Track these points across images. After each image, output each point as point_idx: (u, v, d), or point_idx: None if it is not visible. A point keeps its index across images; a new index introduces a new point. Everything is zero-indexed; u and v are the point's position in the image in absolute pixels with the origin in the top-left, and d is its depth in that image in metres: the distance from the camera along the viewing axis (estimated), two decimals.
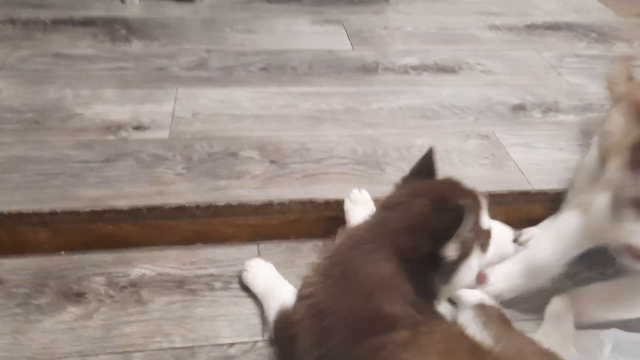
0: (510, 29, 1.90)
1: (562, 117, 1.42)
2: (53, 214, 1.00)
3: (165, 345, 0.87)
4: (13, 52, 1.50)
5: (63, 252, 1.02)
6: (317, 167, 1.16)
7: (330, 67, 1.57)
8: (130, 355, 0.85)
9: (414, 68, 1.60)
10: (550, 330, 0.89)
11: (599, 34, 1.90)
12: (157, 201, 1.03)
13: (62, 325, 0.89)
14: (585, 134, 1.34)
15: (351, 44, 1.71)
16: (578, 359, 0.86)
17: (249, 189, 1.08)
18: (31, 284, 0.96)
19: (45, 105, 1.30)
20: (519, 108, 1.44)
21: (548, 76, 1.61)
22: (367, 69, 1.57)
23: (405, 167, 0.92)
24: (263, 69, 1.53)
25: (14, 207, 1.01)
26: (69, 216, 1.00)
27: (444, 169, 0.90)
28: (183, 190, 1.07)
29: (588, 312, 0.91)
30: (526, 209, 1.14)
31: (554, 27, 1.94)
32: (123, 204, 1.02)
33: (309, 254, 1.05)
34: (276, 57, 1.59)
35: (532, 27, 1.92)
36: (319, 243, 1.07)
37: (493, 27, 1.90)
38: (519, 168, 1.21)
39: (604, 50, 1.80)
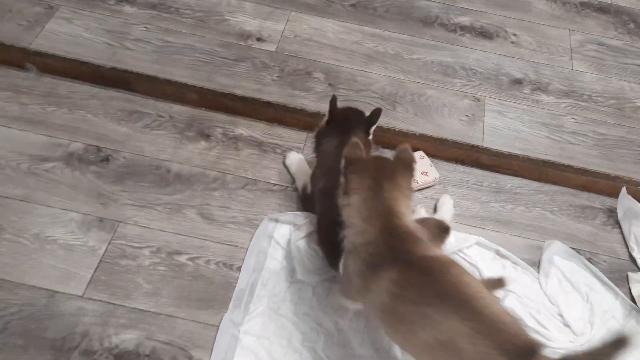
0: (565, 3, 2.27)
1: (543, 96, 1.92)
2: (202, 88, 1.75)
3: (243, 174, 1.64)
4: None
5: (203, 109, 1.78)
6: (355, 95, 1.81)
7: (401, 13, 2.10)
8: (225, 175, 1.63)
9: (462, 28, 2.09)
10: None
11: (636, 25, 2.23)
12: (257, 95, 1.75)
13: (196, 150, 1.68)
14: (552, 116, 1.86)
15: None
16: None
17: (309, 100, 1.77)
18: (184, 123, 1.73)
19: (209, 7, 1.99)
20: (517, 82, 1.95)
21: (560, 59, 2.05)
22: (426, 22, 2.09)
23: (410, 109, 1.57)
24: (353, 5, 2.10)
25: (181, 79, 1.76)
26: (207, 91, 1.75)
27: (432, 116, 1.56)
28: (273, 92, 1.78)
29: None
30: (475, 156, 1.75)
31: (603, 10, 2.27)
32: (239, 92, 1.75)
33: None
34: None
35: (584, 6, 2.28)
36: None
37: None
38: (483, 129, 1.79)
39: (628, 43, 2.16)
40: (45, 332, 1.29)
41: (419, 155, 1.65)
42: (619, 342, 0.94)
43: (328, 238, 1.33)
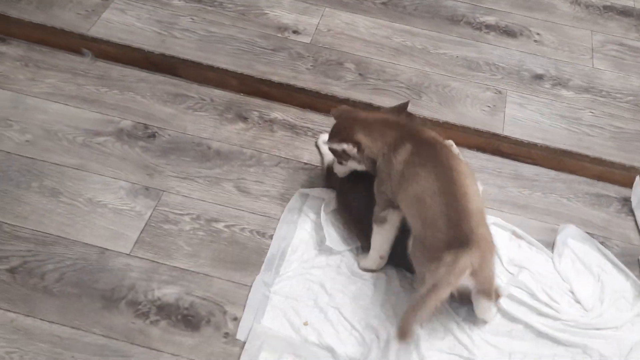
0: (588, 6, 2.34)
1: (563, 91, 1.99)
2: (241, 74, 1.87)
3: (277, 153, 1.75)
4: None
5: (242, 94, 1.89)
6: (383, 84, 1.91)
7: (429, 12, 2.20)
8: (260, 154, 1.74)
9: (487, 27, 2.18)
10: None
11: None
12: (292, 82, 1.87)
13: (234, 130, 1.79)
14: (571, 110, 1.93)
15: None
16: None
17: (340, 88, 1.88)
18: (224, 106, 1.85)
19: (250, 2, 2.12)
20: (539, 77, 2.03)
21: (581, 57, 2.12)
22: (453, 20, 2.19)
23: (434, 99, 1.67)
24: (384, 3, 2.20)
25: (223, 65, 1.89)
26: (247, 77, 1.87)
27: (455, 106, 1.70)
28: (307, 79, 1.89)
29: None
30: (496, 144, 1.82)
31: (626, 13, 2.33)
32: (276, 79, 1.87)
33: None
34: None
35: (607, 9, 2.34)
36: None
37: (574, 2, 2.34)
38: (503, 119, 1.87)
39: None
40: (96, 284, 1.41)
41: (448, 143, 1.72)
42: None
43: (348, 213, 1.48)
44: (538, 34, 2.18)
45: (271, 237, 1.54)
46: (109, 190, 1.59)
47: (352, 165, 1.47)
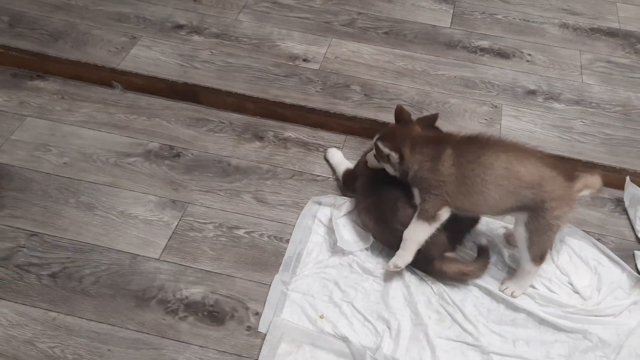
0: (576, 29, 2.47)
1: (555, 104, 2.11)
2: (257, 98, 2.02)
3: (291, 167, 1.87)
4: None
5: (258, 117, 2.03)
6: (387, 103, 2.04)
7: (428, 39, 2.35)
8: (275, 168, 1.86)
9: (482, 50, 2.32)
10: None
11: None
12: (303, 103, 2.00)
13: (252, 148, 1.92)
14: (563, 120, 2.04)
15: (451, 23, 2.45)
16: None
17: (348, 107, 2.01)
18: (242, 127, 1.99)
19: (264, 36, 2.29)
20: (532, 92, 2.15)
21: (571, 74, 2.24)
22: (450, 45, 2.33)
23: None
24: (386, 33, 2.36)
25: (240, 91, 2.04)
26: (262, 101, 2.01)
27: (455, 119, 1.80)
28: (316, 101, 2.03)
29: None
30: None
31: (612, 34, 2.46)
32: (288, 101, 2.01)
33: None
34: (397, 25, 2.40)
35: (594, 31, 2.47)
36: None
37: (563, 25, 2.49)
38: (500, 130, 1.98)
39: (635, 60, 2.33)
40: (129, 285, 1.52)
41: None
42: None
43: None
44: (530, 54, 2.31)
45: (288, 241, 1.64)
46: (139, 203, 1.71)
47: (385, 166, 1.56)
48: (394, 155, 1.49)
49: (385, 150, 1.50)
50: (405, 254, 1.50)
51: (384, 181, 1.57)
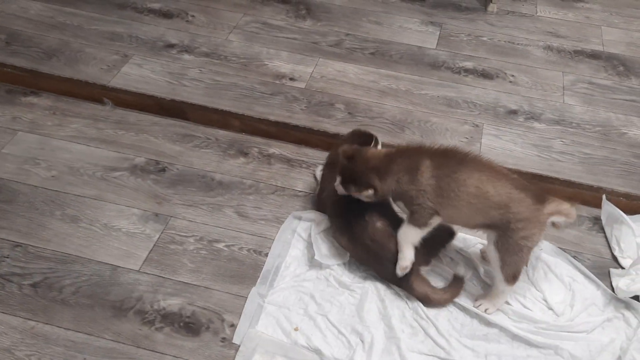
0: (560, 51, 2.52)
1: (536, 124, 2.14)
2: (242, 115, 2.06)
3: (273, 183, 1.90)
4: (243, 17, 2.56)
5: (243, 134, 2.07)
6: (370, 121, 2.08)
7: (413, 59, 2.40)
8: (258, 184, 1.89)
9: (466, 70, 2.37)
10: None
11: (626, 68, 2.44)
12: (287, 120, 2.05)
13: (236, 164, 1.95)
14: (543, 139, 2.07)
15: (437, 44, 2.50)
16: None
17: (331, 125, 2.05)
18: (227, 144, 2.03)
19: (252, 55, 2.35)
20: (513, 112, 2.18)
21: (553, 95, 2.28)
22: (435, 65, 2.38)
23: (416, 132, 1.83)
24: (372, 53, 2.41)
25: (226, 108, 2.08)
26: (247, 117, 2.05)
27: (436, 138, 1.86)
28: (301, 118, 2.07)
29: None
30: None
31: (595, 56, 2.51)
32: (272, 118, 2.05)
33: None
34: (384, 46, 2.46)
35: (577, 53, 2.52)
36: None
37: (547, 48, 2.53)
38: (480, 148, 2.01)
39: (617, 82, 2.37)
40: (108, 296, 1.55)
41: None
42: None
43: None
44: (513, 75, 2.35)
45: (267, 255, 1.67)
46: (123, 216, 1.74)
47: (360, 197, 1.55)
48: (368, 193, 1.50)
49: (357, 194, 1.52)
50: (405, 256, 1.52)
51: (352, 199, 1.58)
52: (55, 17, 2.46)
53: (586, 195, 1.87)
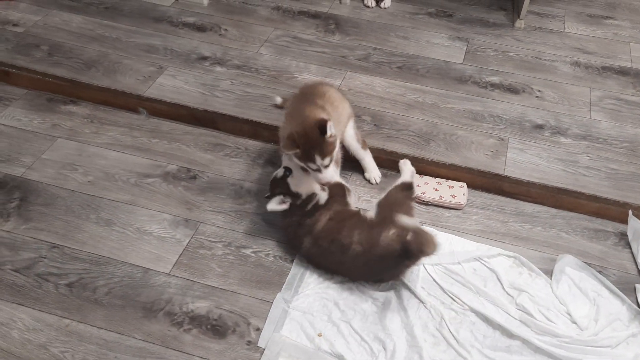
0: (587, 67, 2.51)
1: (562, 139, 2.13)
2: (272, 126, 2.10)
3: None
4: (274, 31, 2.62)
5: (272, 144, 2.11)
6: (396, 133, 2.10)
7: (440, 74, 2.42)
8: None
9: (492, 85, 2.37)
10: None
11: None
12: None
13: (265, 173, 1.97)
14: (569, 154, 2.06)
15: (463, 59, 2.52)
16: None
17: None
18: (257, 153, 2.05)
19: (282, 68, 2.40)
20: (539, 127, 2.18)
21: (580, 110, 2.27)
22: (461, 80, 2.39)
23: (442, 145, 1.85)
24: (399, 67, 2.44)
25: (255, 118, 2.13)
26: (276, 128, 2.09)
27: (461, 151, 1.88)
28: None
29: None
30: (498, 184, 1.96)
31: (623, 72, 2.49)
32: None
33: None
34: (411, 60, 2.48)
35: (605, 69, 2.50)
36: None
37: (574, 64, 2.53)
38: (505, 162, 2.02)
39: None
40: (139, 297, 1.59)
41: (459, 184, 1.89)
42: None
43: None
44: (539, 90, 2.35)
45: (292, 261, 1.69)
46: (155, 221, 1.80)
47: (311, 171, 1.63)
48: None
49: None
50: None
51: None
52: (95, 30, 2.56)
53: (612, 211, 1.85)
